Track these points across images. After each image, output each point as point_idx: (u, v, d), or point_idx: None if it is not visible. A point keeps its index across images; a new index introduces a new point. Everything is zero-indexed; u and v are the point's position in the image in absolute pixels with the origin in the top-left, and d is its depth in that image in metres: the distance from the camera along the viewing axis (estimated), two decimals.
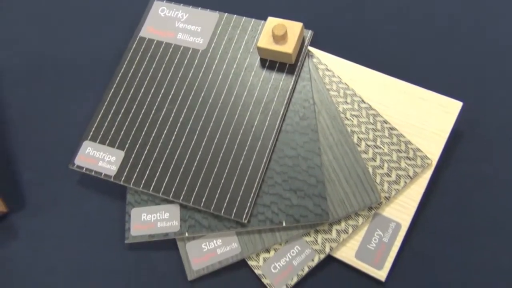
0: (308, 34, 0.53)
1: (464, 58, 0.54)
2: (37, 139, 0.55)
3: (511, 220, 0.46)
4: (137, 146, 0.51)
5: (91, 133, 0.52)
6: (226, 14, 0.55)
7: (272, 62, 0.52)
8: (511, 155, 0.49)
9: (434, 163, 0.48)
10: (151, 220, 0.48)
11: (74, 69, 0.58)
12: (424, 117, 0.49)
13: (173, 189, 0.48)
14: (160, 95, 0.53)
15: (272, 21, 0.51)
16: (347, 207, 0.47)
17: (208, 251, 0.47)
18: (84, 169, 0.51)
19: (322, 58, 0.54)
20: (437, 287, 0.45)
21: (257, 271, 0.46)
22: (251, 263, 0.47)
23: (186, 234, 0.47)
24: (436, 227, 0.47)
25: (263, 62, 0.52)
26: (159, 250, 0.49)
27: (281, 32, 0.49)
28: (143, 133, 0.51)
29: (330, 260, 0.47)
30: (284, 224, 0.46)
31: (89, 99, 0.56)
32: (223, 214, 0.47)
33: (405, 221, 0.47)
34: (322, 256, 0.46)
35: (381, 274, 0.45)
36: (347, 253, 0.46)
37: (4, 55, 0.59)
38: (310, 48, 0.54)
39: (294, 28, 0.50)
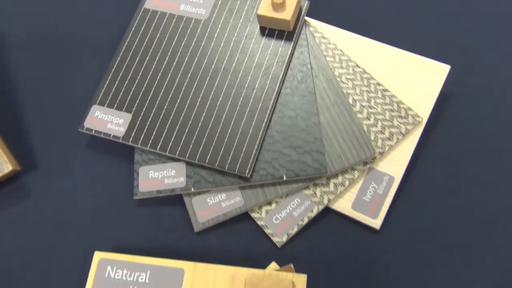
0: (305, 4, 0.56)
1: (452, 24, 0.58)
2: (47, 105, 0.57)
3: (496, 170, 0.50)
4: (144, 109, 0.54)
5: (99, 98, 0.55)
6: None
7: (271, 30, 0.56)
8: (494, 114, 0.53)
9: (424, 121, 0.52)
10: (159, 177, 0.51)
11: (81, 41, 0.61)
12: (414, 81, 0.53)
13: (179, 148, 0.51)
14: (165, 62, 0.56)
15: None
16: (343, 162, 0.50)
17: (213, 205, 0.50)
18: (93, 131, 0.54)
19: (318, 27, 0.57)
20: (428, 234, 0.48)
21: (259, 222, 0.49)
22: (254, 215, 0.50)
23: (192, 190, 0.50)
24: (427, 179, 0.50)
25: (262, 30, 0.56)
26: (166, 206, 0.52)
27: (279, 0, 0.53)
28: (149, 97, 0.54)
29: (328, 212, 0.50)
30: (284, 178, 0.49)
31: (96, 68, 0.59)
32: (227, 170, 0.50)
33: (398, 174, 0.50)
34: (321, 207, 0.49)
35: (376, 223, 0.49)
36: (344, 205, 0.50)
37: (14, 28, 0.62)
38: (306, 18, 0.58)
39: None
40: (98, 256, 0.46)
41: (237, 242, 0.49)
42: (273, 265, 0.45)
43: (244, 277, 0.43)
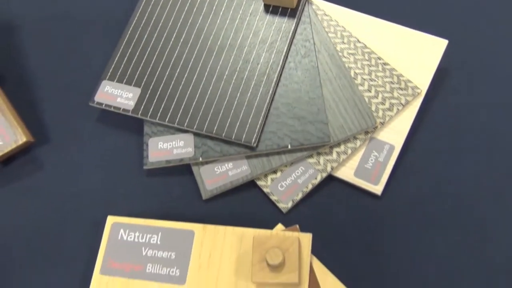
0: None
1: (450, 0, 0.60)
2: (60, 81, 0.59)
3: (492, 138, 0.52)
4: (152, 83, 0.56)
5: (109, 73, 0.57)
6: None
7: (275, 7, 0.58)
8: (490, 87, 0.55)
9: (423, 93, 0.54)
10: (167, 148, 0.54)
11: (92, 20, 0.63)
12: (413, 55, 0.55)
13: (187, 120, 0.53)
14: (172, 39, 0.58)
15: None
16: (346, 131, 0.52)
17: (220, 174, 0.52)
18: (104, 105, 0.56)
19: (320, 5, 0.59)
20: (427, 200, 0.50)
21: (265, 190, 0.52)
22: (260, 183, 0.52)
23: (200, 159, 0.53)
24: (426, 148, 0.53)
25: (266, 8, 0.58)
26: (175, 176, 0.54)
27: None
28: (158, 72, 0.56)
29: (331, 179, 0.52)
30: (289, 147, 0.51)
31: (106, 46, 0.61)
32: (233, 139, 0.52)
33: (398, 143, 0.52)
34: (324, 174, 0.52)
35: (378, 189, 0.51)
36: (346, 172, 0.52)
37: (29, 8, 0.64)
38: None
39: None
40: (111, 220, 0.48)
41: (244, 209, 0.51)
42: (280, 226, 0.47)
43: (251, 237, 0.45)
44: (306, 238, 0.45)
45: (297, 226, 0.45)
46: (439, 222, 0.49)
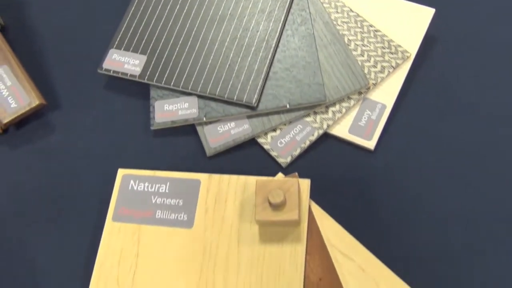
0: None
1: None
2: (70, 50, 0.63)
3: (475, 98, 0.56)
4: (158, 51, 0.60)
5: (117, 42, 0.61)
6: None
7: None
8: (475, 52, 0.59)
9: (413, 56, 0.58)
10: (173, 109, 0.57)
11: None
12: (402, 23, 0.59)
13: (191, 83, 0.57)
14: (176, 10, 0.62)
15: None
16: (340, 91, 0.56)
17: (223, 132, 0.56)
18: (112, 71, 0.59)
19: None
20: (417, 154, 0.54)
21: (266, 146, 0.55)
22: (260, 140, 0.56)
23: (204, 119, 0.56)
24: (415, 106, 0.57)
25: None
26: (180, 136, 0.57)
27: None
28: (162, 40, 0.60)
29: (327, 137, 0.56)
30: (288, 107, 0.55)
31: (113, 17, 0.65)
32: (235, 100, 0.56)
33: (390, 103, 0.56)
34: (321, 131, 0.55)
35: (371, 144, 0.55)
36: (341, 130, 0.56)
37: None
38: None
39: None
40: (121, 172, 0.52)
41: (246, 164, 0.55)
42: (280, 175, 0.51)
43: (254, 183, 0.49)
44: (305, 183, 0.48)
45: (296, 173, 0.49)
46: (427, 173, 0.53)
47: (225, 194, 0.50)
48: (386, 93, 0.57)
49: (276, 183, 0.46)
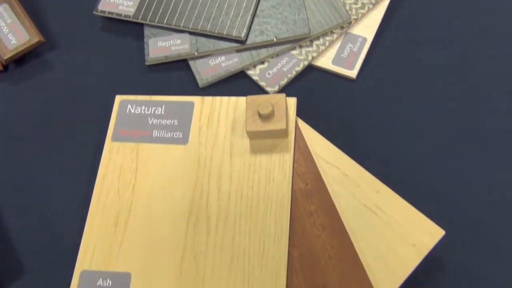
0: None
1: None
2: None
3: (449, 31, 0.61)
4: None
5: None
6: None
7: None
8: None
9: None
10: (166, 45, 0.61)
11: None
12: None
13: (183, 20, 0.61)
14: None
15: None
16: (324, 26, 0.61)
17: (214, 66, 0.60)
18: (107, 12, 0.63)
19: None
20: (395, 83, 0.59)
21: (254, 77, 0.60)
22: (249, 72, 0.60)
23: (196, 54, 0.60)
24: (393, 40, 0.62)
25: None
26: (173, 71, 0.61)
27: None
28: None
29: (312, 69, 0.61)
30: (275, 40, 0.60)
31: None
32: (225, 35, 0.60)
33: (370, 36, 0.61)
34: (306, 63, 0.60)
35: (353, 73, 0.60)
36: (325, 61, 0.60)
37: None
38: None
39: None
40: (119, 98, 0.56)
41: (236, 95, 0.59)
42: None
43: (244, 102, 0.53)
44: (292, 100, 0.53)
45: (284, 94, 0.53)
46: (403, 97, 0.58)
47: (217, 113, 0.54)
48: (367, 28, 0.62)
49: (265, 97, 0.51)
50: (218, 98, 0.55)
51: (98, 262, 0.49)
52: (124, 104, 0.56)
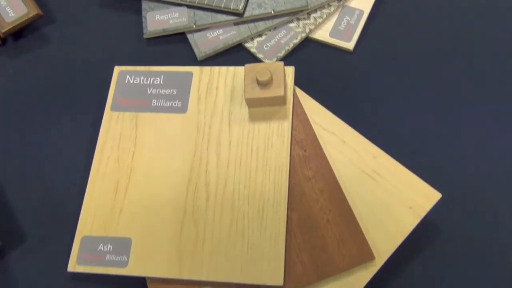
0: None
1: None
2: None
3: (441, 11, 0.62)
4: None
5: None
6: None
7: None
8: None
9: None
10: (164, 19, 0.62)
11: None
12: None
13: None
14: None
15: None
16: None
17: (212, 38, 0.61)
18: None
19: None
20: (391, 53, 0.60)
21: (252, 50, 0.60)
22: (247, 45, 0.61)
23: (194, 26, 0.61)
24: (390, 13, 0.62)
25: None
26: (172, 44, 0.62)
27: None
28: None
29: (309, 42, 0.61)
30: (272, 13, 0.60)
31: None
32: (223, 8, 0.61)
33: (367, 9, 0.62)
34: (303, 35, 0.61)
35: (350, 45, 0.60)
36: (322, 34, 0.61)
37: None
38: None
39: None
40: (117, 69, 0.57)
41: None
42: None
43: (243, 71, 0.54)
44: (290, 69, 0.53)
45: (282, 62, 0.54)
46: (399, 69, 0.59)
47: (216, 82, 0.54)
48: (364, 0, 0.62)
49: (263, 65, 0.51)
50: (216, 68, 0.55)
51: (98, 227, 0.49)
52: (123, 75, 0.56)
